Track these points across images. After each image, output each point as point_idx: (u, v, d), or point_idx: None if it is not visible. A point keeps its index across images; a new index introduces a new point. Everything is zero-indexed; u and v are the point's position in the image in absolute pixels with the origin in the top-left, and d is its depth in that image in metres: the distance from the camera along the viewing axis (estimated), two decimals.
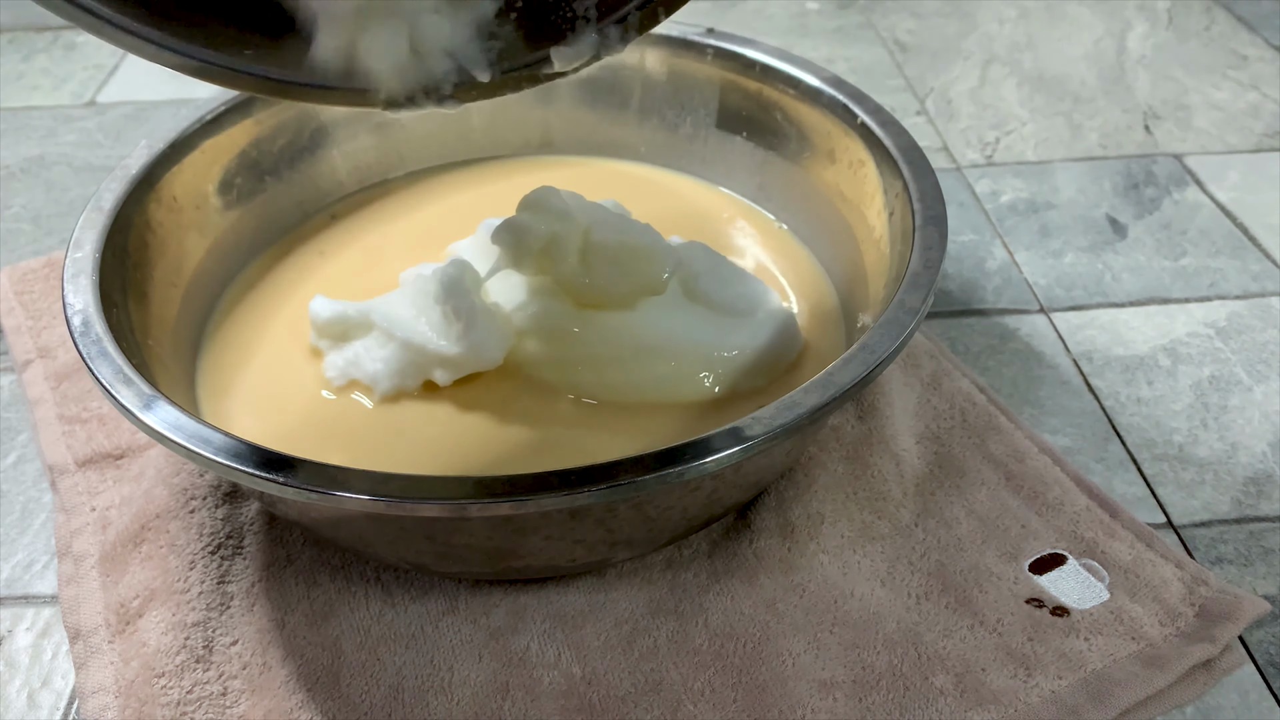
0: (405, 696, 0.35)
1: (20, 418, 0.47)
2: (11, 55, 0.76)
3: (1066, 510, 0.40)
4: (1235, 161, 0.63)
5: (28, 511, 0.43)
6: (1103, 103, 0.69)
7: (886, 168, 0.43)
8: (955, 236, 0.57)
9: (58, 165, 0.64)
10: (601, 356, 0.41)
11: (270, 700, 0.35)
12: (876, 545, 0.39)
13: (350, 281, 0.47)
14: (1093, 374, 0.48)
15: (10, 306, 0.51)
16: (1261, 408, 0.46)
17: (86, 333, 0.36)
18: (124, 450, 0.43)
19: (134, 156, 0.43)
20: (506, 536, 0.34)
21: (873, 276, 0.43)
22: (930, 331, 0.49)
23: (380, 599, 0.38)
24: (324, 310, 0.43)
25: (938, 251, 0.38)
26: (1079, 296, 0.53)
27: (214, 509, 0.41)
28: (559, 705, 0.34)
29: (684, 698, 0.34)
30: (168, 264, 0.43)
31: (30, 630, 0.38)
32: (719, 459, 0.31)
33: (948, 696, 0.34)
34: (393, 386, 0.41)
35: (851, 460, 0.42)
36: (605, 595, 0.37)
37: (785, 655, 0.35)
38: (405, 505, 0.30)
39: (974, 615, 0.37)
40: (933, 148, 0.65)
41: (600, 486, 0.30)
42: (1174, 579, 0.37)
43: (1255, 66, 0.73)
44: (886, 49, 0.76)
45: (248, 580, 0.38)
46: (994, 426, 0.43)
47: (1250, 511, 0.42)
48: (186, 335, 0.44)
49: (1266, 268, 0.54)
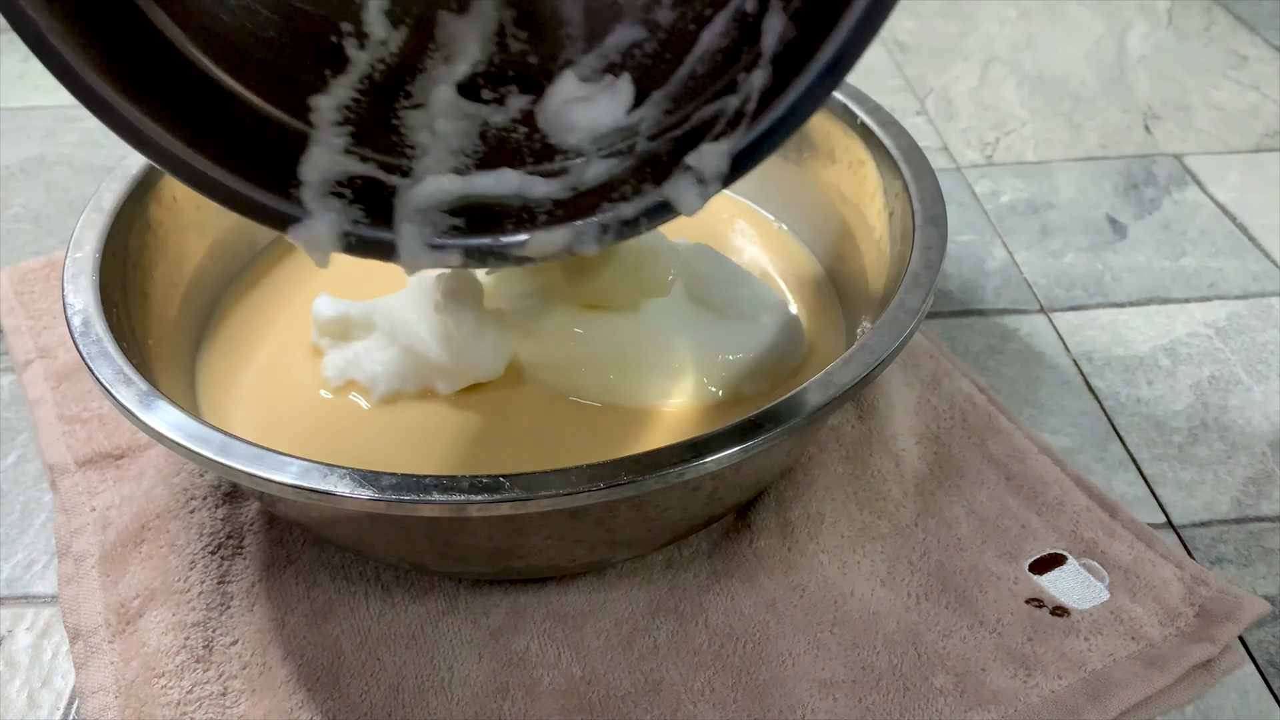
0: (405, 696, 0.35)
1: (20, 418, 0.47)
2: (11, 55, 0.76)
3: (1066, 510, 0.40)
4: (1235, 161, 0.63)
5: (28, 511, 0.43)
6: (1103, 103, 0.69)
7: (886, 168, 0.43)
8: (955, 236, 0.57)
9: (58, 165, 0.64)
10: (604, 359, 0.41)
11: (270, 700, 0.35)
12: (876, 545, 0.39)
13: (350, 282, 0.47)
14: (1093, 374, 0.48)
15: (10, 306, 0.51)
16: (1261, 408, 0.46)
17: (86, 333, 0.36)
18: (124, 450, 0.43)
19: (134, 156, 0.43)
20: (506, 536, 0.34)
21: (873, 276, 0.43)
22: (930, 331, 0.49)
23: (380, 599, 0.38)
24: (327, 309, 0.43)
25: (938, 251, 0.38)
26: (1079, 296, 0.53)
27: (214, 509, 0.41)
28: (559, 705, 0.34)
29: (684, 698, 0.34)
30: (168, 264, 0.43)
31: (30, 630, 0.38)
32: (719, 459, 0.31)
33: (948, 696, 0.34)
34: (391, 390, 0.41)
35: (851, 460, 0.42)
36: (605, 595, 0.37)
37: (785, 655, 0.35)
38: (405, 505, 0.30)
39: (974, 615, 0.37)
40: (933, 148, 0.65)
41: (600, 486, 0.30)
42: (1174, 579, 0.37)
43: (1255, 66, 0.73)
44: (886, 49, 0.76)
45: (248, 580, 0.38)
46: (994, 426, 0.43)
47: (1250, 511, 0.42)
48: (186, 335, 0.44)
49: (1266, 268, 0.54)
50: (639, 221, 0.35)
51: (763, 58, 0.32)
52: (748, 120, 0.33)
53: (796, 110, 0.32)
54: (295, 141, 0.36)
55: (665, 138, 0.35)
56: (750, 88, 0.33)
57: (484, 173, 0.36)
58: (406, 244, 0.36)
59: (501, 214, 0.36)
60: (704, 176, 0.33)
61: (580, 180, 0.36)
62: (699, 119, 0.34)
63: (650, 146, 0.35)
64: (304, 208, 0.35)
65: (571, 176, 0.36)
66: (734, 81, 0.33)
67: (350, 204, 0.36)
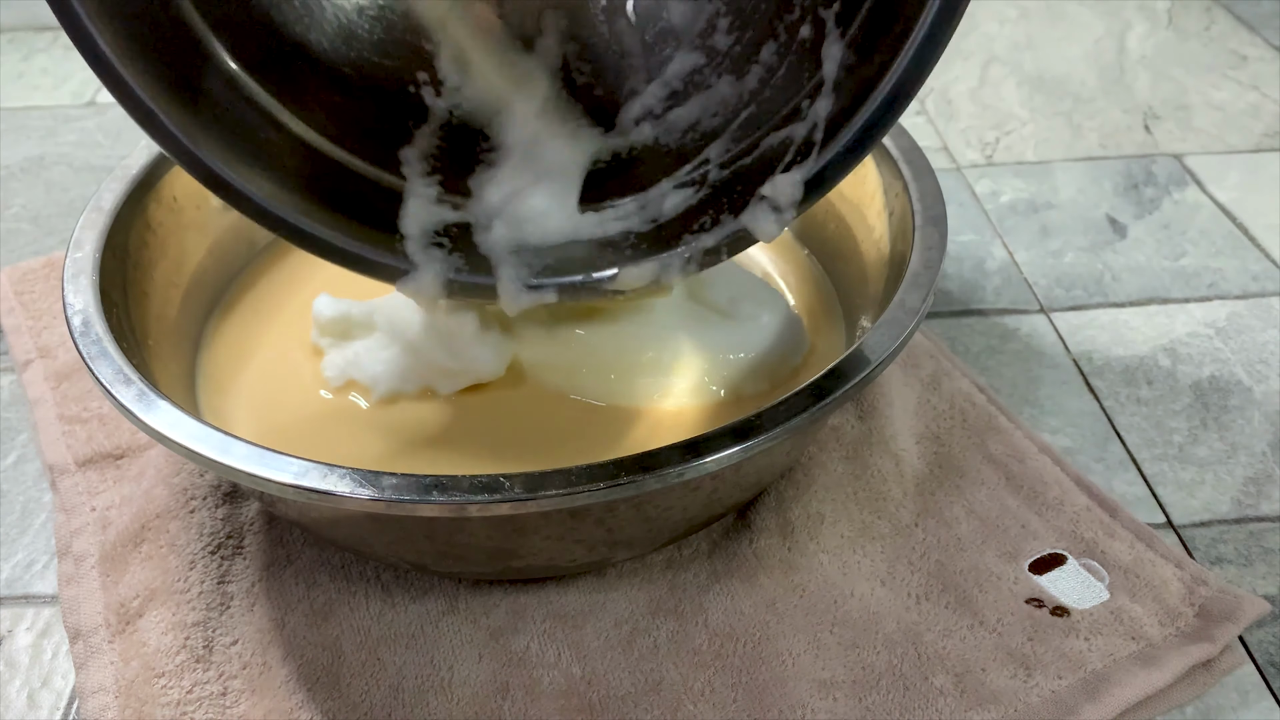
0: (405, 696, 0.35)
1: (20, 418, 0.47)
2: (11, 55, 0.76)
3: (1066, 510, 0.40)
4: (1235, 161, 0.63)
5: (28, 511, 0.43)
6: (1103, 103, 0.69)
7: (886, 168, 0.43)
8: (955, 236, 0.57)
9: (58, 165, 0.64)
10: (606, 359, 0.41)
11: (270, 700, 0.35)
12: (876, 545, 0.39)
13: (350, 282, 0.47)
14: (1093, 374, 0.48)
15: (10, 306, 0.51)
16: (1261, 408, 0.46)
17: (86, 333, 0.36)
18: (124, 450, 0.43)
19: (134, 156, 0.43)
20: (506, 536, 0.34)
21: (873, 276, 0.43)
22: (930, 331, 0.49)
23: (380, 599, 0.38)
24: (328, 309, 0.43)
25: (938, 251, 0.38)
26: (1079, 296, 0.53)
27: (214, 509, 0.41)
28: (559, 705, 0.34)
29: (684, 698, 0.34)
30: (168, 264, 0.43)
31: (30, 630, 0.38)
32: (719, 459, 0.31)
33: (948, 696, 0.34)
34: (391, 390, 0.41)
35: (851, 460, 0.42)
36: (605, 595, 0.37)
37: (785, 655, 0.35)
38: (405, 505, 0.30)
39: (974, 615, 0.37)
40: (933, 148, 0.65)
41: (600, 486, 0.30)
42: (1174, 579, 0.37)
43: (1255, 66, 0.73)
44: None
45: (248, 580, 0.38)
46: (994, 426, 0.43)
47: (1250, 511, 0.42)
48: (186, 335, 0.44)
49: (1266, 268, 0.54)
50: (720, 250, 0.36)
51: (825, 85, 0.33)
52: (817, 149, 0.34)
53: (865, 137, 0.33)
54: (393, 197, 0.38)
55: (736, 166, 0.37)
56: (816, 115, 0.34)
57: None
58: (506, 287, 0.38)
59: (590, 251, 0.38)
60: (779, 205, 0.35)
61: (660, 212, 0.38)
62: (767, 147, 0.36)
63: (722, 175, 0.37)
64: (410, 260, 0.38)
65: (650, 210, 0.38)
66: (799, 108, 0.35)
67: (450, 253, 0.38)
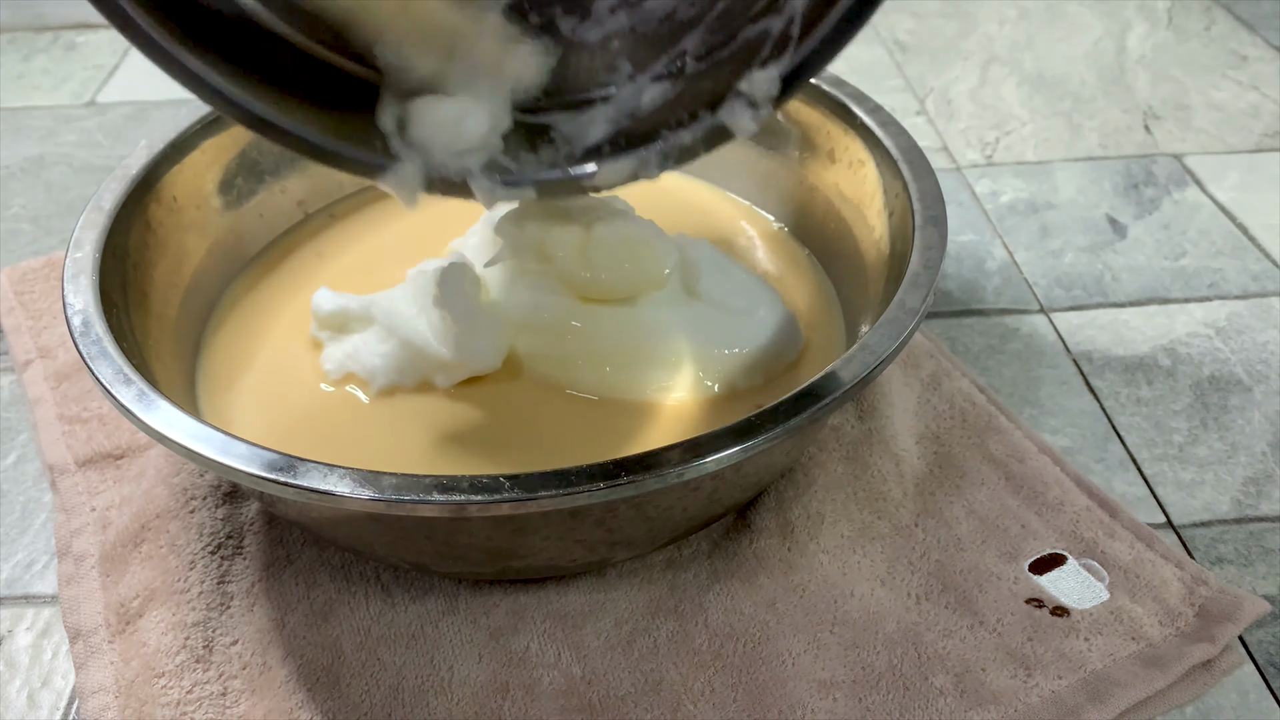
0: (405, 696, 0.35)
1: (20, 418, 0.47)
2: (11, 55, 0.76)
3: (1066, 510, 0.40)
4: (1235, 161, 0.63)
5: (28, 511, 0.43)
6: (1103, 103, 0.69)
7: (886, 168, 0.43)
8: (955, 236, 0.57)
9: (58, 165, 0.64)
10: (601, 352, 0.41)
11: (270, 700, 0.35)
12: (876, 545, 0.39)
13: (351, 282, 0.47)
14: (1093, 374, 0.48)
15: (10, 306, 0.51)
16: (1261, 408, 0.46)
17: (86, 333, 0.36)
18: (124, 450, 0.43)
19: (134, 156, 0.43)
20: (506, 536, 0.34)
21: (873, 276, 0.43)
22: (930, 331, 0.49)
23: (380, 599, 0.38)
24: (326, 302, 0.43)
25: (938, 251, 0.38)
26: (1079, 296, 0.53)
27: (214, 509, 0.41)
28: (559, 705, 0.34)
29: (684, 698, 0.34)
30: (168, 264, 0.43)
31: (30, 630, 0.38)
32: (719, 459, 0.31)
33: (948, 696, 0.34)
34: (389, 382, 0.41)
35: (851, 460, 0.42)
36: (605, 595, 0.37)
37: (785, 655, 0.35)
38: (405, 505, 0.30)
39: (974, 615, 0.37)
40: (933, 148, 0.65)
41: (600, 486, 0.30)
42: (1174, 579, 0.37)
43: (1255, 66, 0.73)
44: (886, 49, 0.76)
45: (248, 580, 0.38)
46: (994, 426, 0.43)
47: (1250, 511, 0.42)
48: (186, 335, 0.44)
49: (1266, 268, 0.54)
50: (697, 145, 0.37)
51: None
52: (794, 43, 0.34)
53: (841, 32, 0.33)
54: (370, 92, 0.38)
55: (713, 59, 0.37)
56: (793, 9, 0.34)
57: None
58: (481, 181, 0.37)
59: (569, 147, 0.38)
60: (756, 100, 0.35)
61: (637, 107, 0.38)
62: (744, 39, 0.36)
63: (699, 68, 0.37)
64: (391, 155, 0.37)
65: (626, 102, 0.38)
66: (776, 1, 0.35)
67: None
